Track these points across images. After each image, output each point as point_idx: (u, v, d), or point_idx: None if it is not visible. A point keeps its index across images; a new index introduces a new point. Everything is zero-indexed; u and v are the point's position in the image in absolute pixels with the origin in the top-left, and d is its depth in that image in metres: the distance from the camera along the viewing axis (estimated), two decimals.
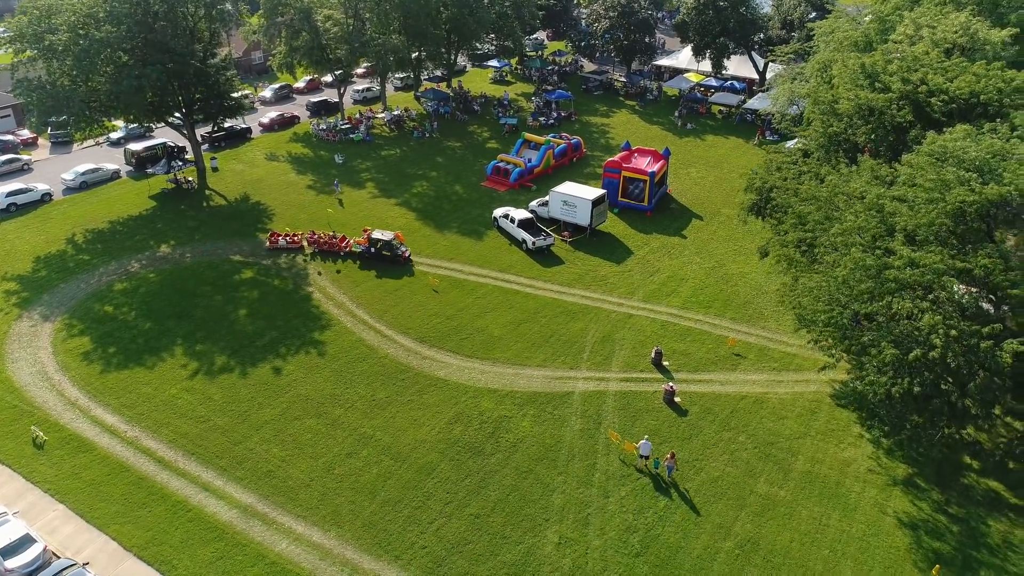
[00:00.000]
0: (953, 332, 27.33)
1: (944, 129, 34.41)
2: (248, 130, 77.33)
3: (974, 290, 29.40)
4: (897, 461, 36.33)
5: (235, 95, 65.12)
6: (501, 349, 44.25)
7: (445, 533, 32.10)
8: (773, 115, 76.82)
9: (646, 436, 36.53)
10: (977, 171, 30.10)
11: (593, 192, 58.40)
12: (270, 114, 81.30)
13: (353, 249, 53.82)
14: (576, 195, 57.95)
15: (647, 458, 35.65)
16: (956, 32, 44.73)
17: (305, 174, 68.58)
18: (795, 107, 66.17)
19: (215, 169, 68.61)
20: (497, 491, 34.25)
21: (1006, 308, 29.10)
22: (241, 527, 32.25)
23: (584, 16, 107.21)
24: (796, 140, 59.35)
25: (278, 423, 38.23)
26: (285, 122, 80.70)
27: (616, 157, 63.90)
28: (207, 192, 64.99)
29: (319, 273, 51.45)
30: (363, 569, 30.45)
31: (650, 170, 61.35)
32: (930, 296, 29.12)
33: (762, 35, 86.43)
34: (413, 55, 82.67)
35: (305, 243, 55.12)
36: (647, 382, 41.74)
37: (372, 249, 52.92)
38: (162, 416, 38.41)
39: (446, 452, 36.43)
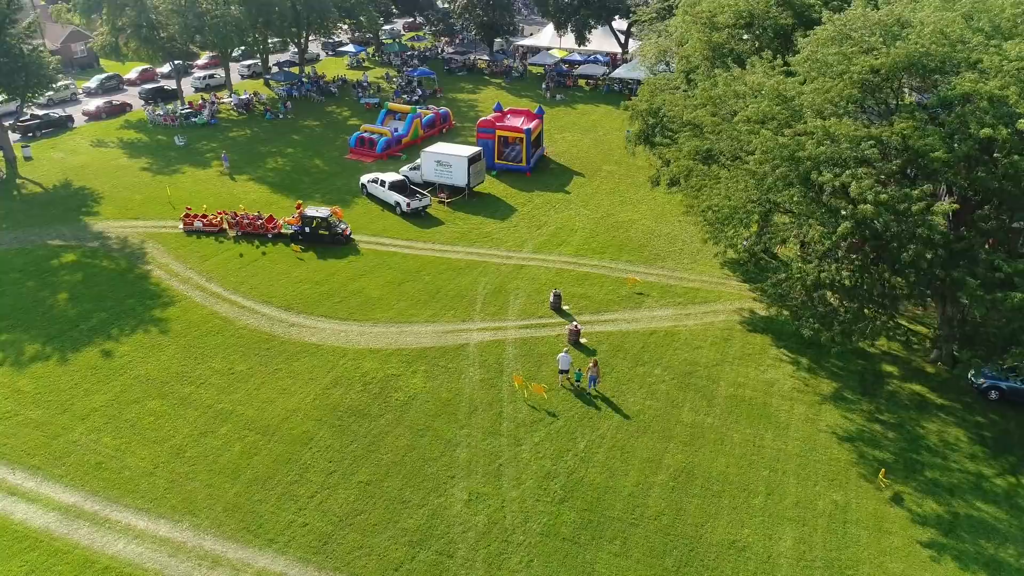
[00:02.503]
0: (883, 196, 24.74)
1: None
2: (69, 118, 67.71)
3: (896, 163, 27.03)
4: (820, 378, 33.93)
5: (46, 68, 55.94)
6: (382, 309, 38.78)
7: (330, 506, 26.27)
8: (641, 81, 75.93)
9: (565, 349, 32.78)
10: (881, 37, 28.04)
11: (468, 149, 54.10)
12: (96, 102, 71.80)
13: (284, 230, 46.32)
14: (450, 153, 53.45)
15: (567, 372, 32.30)
16: None
17: (139, 158, 60.25)
18: (664, 65, 64.64)
19: (28, 158, 58.98)
20: (390, 454, 28.78)
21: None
22: (61, 532, 25.03)
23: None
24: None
25: (110, 409, 30.99)
26: (114, 110, 71.48)
27: (489, 117, 59.98)
28: (18, 181, 55.47)
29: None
30: (227, 560, 24.10)
31: (525, 127, 57.81)
32: (847, 172, 26.50)
33: (621, 6, 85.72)
34: (259, 36, 75.62)
35: (226, 225, 47.07)
36: (548, 327, 37.55)
37: (306, 228, 45.51)
38: None
39: (324, 420, 30.57)
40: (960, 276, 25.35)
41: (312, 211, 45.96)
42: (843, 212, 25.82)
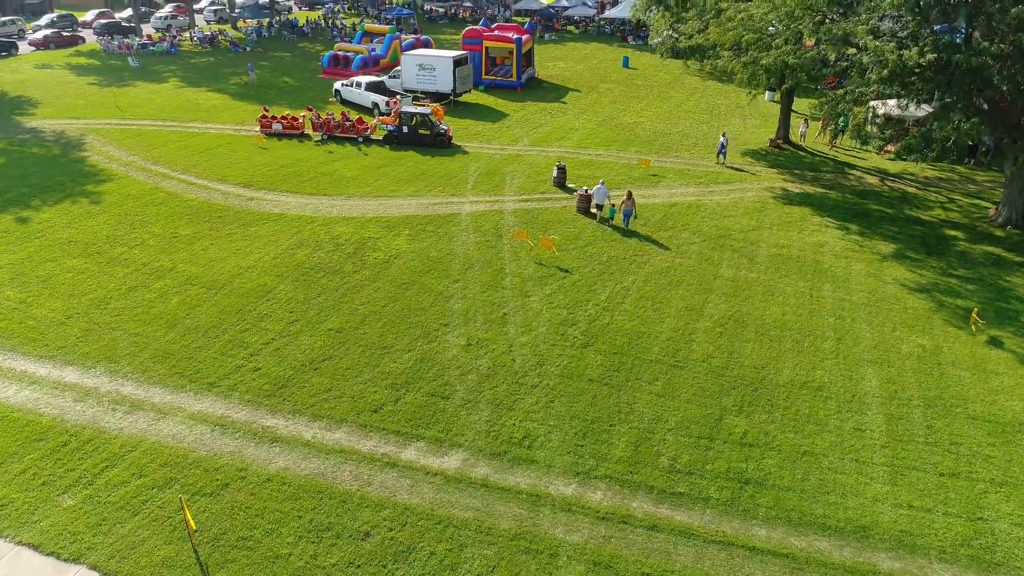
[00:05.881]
0: None
1: None
2: (12, 45, 61.63)
3: None
4: (876, 240, 28.82)
5: None
6: (357, 186, 33.21)
7: (291, 352, 20.57)
8: (630, 20, 71.41)
9: (601, 180, 29.02)
10: None
11: (454, 53, 48.80)
12: (44, 32, 65.65)
13: (377, 132, 39.85)
14: (434, 55, 48.14)
15: (602, 207, 28.61)
16: None
17: (87, 76, 54.28)
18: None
19: None
20: (367, 304, 23.14)
21: None
22: None
23: None
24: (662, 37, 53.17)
25: (19, 267, 25.11)
26: (64, 41, 65.40)
27: (476, 27, 54.79)
28: None
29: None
30: (150, 404, 18.31)
31: (515, 37, 52.61)
32: None
33: None
34: None
35: (310, 127, 40.57)
36: (552, 200, 32.16)
37: (404, 128, 39.03)
38: None
39: (286, 275, 24.88)
40: None
41: (410, 108, 39.65)
42: None
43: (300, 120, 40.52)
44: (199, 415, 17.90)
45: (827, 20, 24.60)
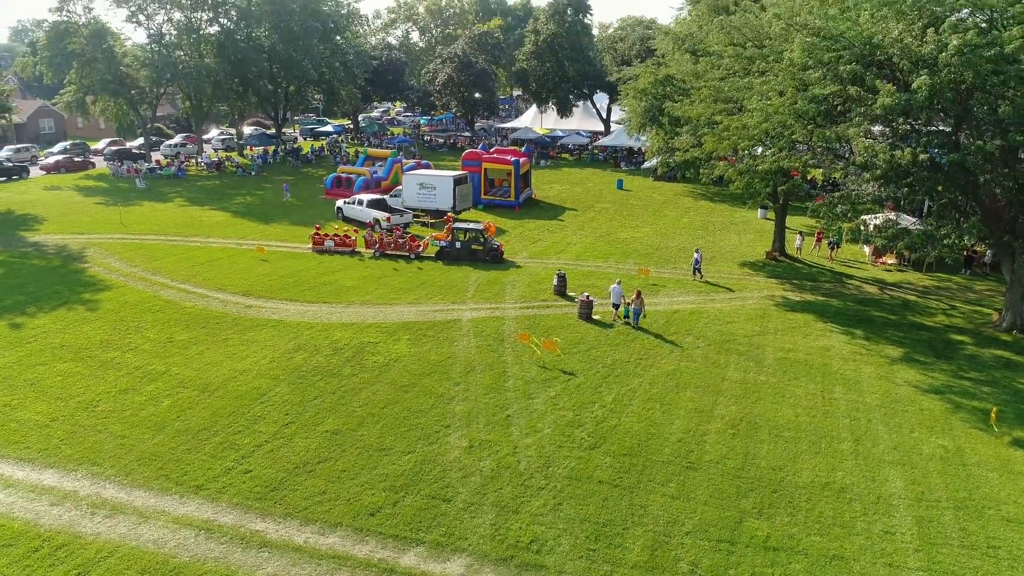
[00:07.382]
0: (971, 32, 20.38)
1: None
2: (22, 169, 63.26)
3: None
4: (883, 344, 28.45)
5: None
6: (357, 295, 33.04)
7: (284, 454, 19.56)
8: (623, 148, 74.69)
9: (618, 280, 29.60)
10: None
11: (454, 172, 50.19)
12: (55, 156, 67.64)
13: (430, 249, 39.60)
14: (435, 175, 49.46)
15: (617, 307, 29.04)
16: None
17: (94, 196, 55.40)
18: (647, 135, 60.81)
19: None
20: (366, 407, 22.31)
21: None
22: None
23: (425, 73, 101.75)
24: (655, 160, 55.11)
25: (7, 370, 24.38)
26: (75, 166, 67.29)
27: (475, 150, 56.66)
28: None
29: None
30: (132, 508, 17.15)
31: (513, 159, 54.34)
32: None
33: (602, 82, 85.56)
34: (234, 93, 73.10)
35: (363, 244, 40.64)
36: (553, 307, 31.94)
37: (457, 243, 39.14)
38: None
39: (282, 378, 24.17)
40: None
41: (462, 224, 39.95)
42: (918, 76, 21.40)
43: (352, 237, 40.91)
44: (184, 519, 16.73)
45: (819, 127, 25.39)
